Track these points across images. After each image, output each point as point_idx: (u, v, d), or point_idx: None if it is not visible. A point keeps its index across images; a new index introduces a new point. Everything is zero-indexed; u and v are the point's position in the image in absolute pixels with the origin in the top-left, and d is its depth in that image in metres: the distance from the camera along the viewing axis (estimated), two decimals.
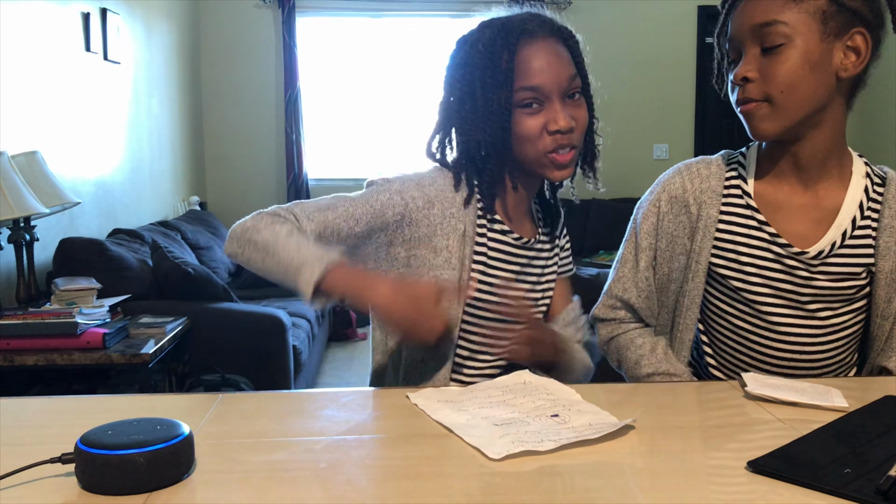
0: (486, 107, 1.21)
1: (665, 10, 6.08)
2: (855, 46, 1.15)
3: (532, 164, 1.25)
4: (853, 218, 1.22)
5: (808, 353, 1.26)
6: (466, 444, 0.90)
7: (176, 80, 5.22)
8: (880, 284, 1.22)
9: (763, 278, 1.24)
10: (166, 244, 3.58)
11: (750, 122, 1.19)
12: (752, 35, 1.16)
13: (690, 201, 1.29)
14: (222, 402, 1.06)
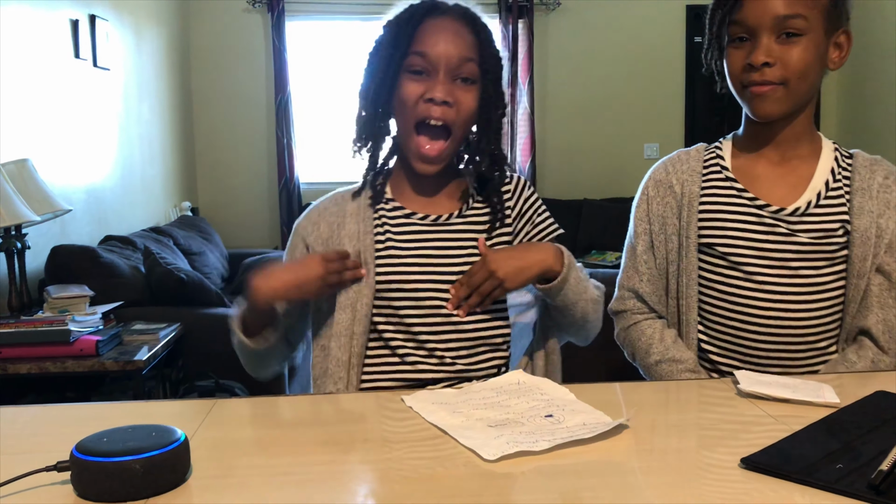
0: (381, 68, 1.28)
1: (654, 10, 6.09)
2: (840, 43, 1.31)
3: (403, 146, 1.31)
4: (826, 181, 1.33)
5: (793, 311, 1.30)
6: (461, 446, 0.90)
7: (166, 86, 5.21)
8: (856, 243, 1.30)
9: (747, 240, 1.32)
10: (158, 250, 3.57)
11: (761, 102, 1.28)
12: (773, 24, 1.25)
13: (674, 181, 1.40)
14: (217, 408, 1.06)
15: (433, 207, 1.36)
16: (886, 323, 1.30)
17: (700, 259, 1.36)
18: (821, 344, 1.33)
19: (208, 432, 0.97)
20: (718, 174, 1.38)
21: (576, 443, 0.90)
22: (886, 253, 1.30)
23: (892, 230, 1.30)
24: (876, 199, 1.31)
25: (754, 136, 1.37)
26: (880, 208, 1.30)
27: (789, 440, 0.90)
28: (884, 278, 1.31)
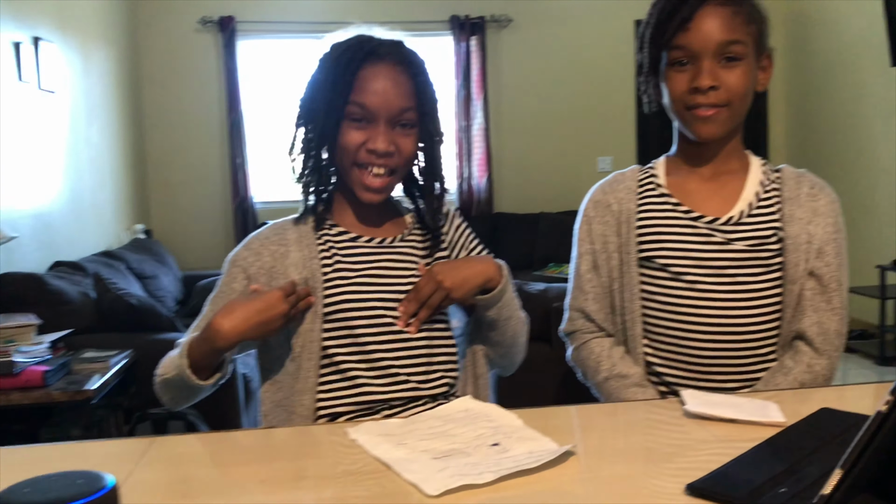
0: (322, 108, 1.29)
1: (603, 26, 6.17)
2: (765, 66, 1.38)
3: (347, 178, 1.32)
4: (756, 192, 1.39)
5: (733, 318, 1.33)
6: (404, 481, 0.88)
7: (116, 108, 5.13)
8: (788, 249, 1.34)
9: (685, 250, 1.36)
10: (109, 275, 3.50)
11: (705, 124, 1.34)
12: (716, 49, 1.30)
13: (611, 200, 1.44)
14: (155, 447, 1.03)
15: (376, 231, 1.37)
16: (820, 325, 1.34)
17: (641, 273, 1.39)
18: (761, 351, 1.36)
19: (143, 474, 0.93)
20: (653, 191, 1.43)
21: (521, 473, 0.89)
22: (817, 258, 1.34)
23: (821, 236, 1.35)
24: (804, 207, 1.36)
25: (689, 155, 1.42)
26: (809, 216, 1.36)
27: (734, 463, 0.89)
28: (816, 282, 1.35)
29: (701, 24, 1.30)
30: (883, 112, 5.04)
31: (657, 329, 1.38)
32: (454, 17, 5.89)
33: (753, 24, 1.32)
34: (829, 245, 1.35)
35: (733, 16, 1.30)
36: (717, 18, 1.30)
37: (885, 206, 5.00)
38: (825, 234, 1.35)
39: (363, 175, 1.30)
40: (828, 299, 1.35)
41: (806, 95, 5.92)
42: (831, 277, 1.35)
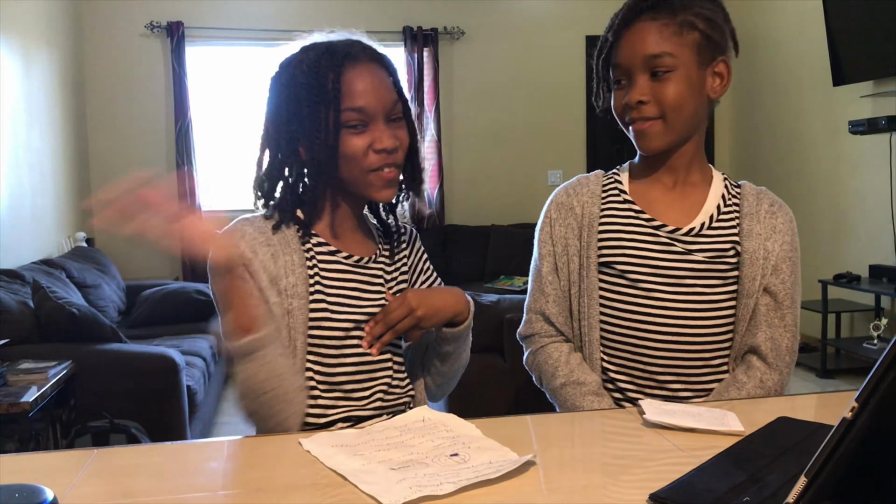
0: (314, 125, 1.24)
1: (554, 40, 6.23)
2: (720, 72, 1.35)
3: (357, 184, 1.27)
4: (717, 206, 1.39)
5: (688, 327, 1.34)
6: (362, 493, 0.85)
7: (58, 112, 4.99)
8: (745, 264, 1.35)
9: (644, 258, 1.36)
10: (49, 284, 3.39)
11: (642, 139, 1.35)
12: (643, 64, 1.31)
13: (574, 204, 1.43)
14: (97, 460, 0.98)
15: (353, 248, 1.34)
16: (773, 340, 1.35)
17: (600, 279, 1.39)
18: (714, 362, 1.37)
19: (85, 488, 0.89)
20: (617, 197, 1.43)
21: (481, 483, 0.86)
22: (772, 275, 1.36)
23: (777, 253, 1.36)
24: (763, 223, 1.37)
25: (648, 163, 1.42)
26: (767, 232, 1.37)
27: (696, 473, 0.88)
28: (770, 298, 1.36)
29: (629, 40, 1.33)
30: (824, 131, 5.18)
31: (613, 335, 1.39)
32: (407, 27, 5.89)
33: (692, 32, 1.30)
34: (785, 263, 1.37)
35: (662, 28, 1.30)
36: (644, 33, 1.31)
37: (824, 223, 5.13)
38: (782, 251, 1.36)
39: (379, 176, 1.26)
40: (781, 316, 1.36)
41: (751, 113, 6.05)
42: (785, 295, 1.36)
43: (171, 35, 5.59)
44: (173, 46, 5.59)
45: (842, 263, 4.95)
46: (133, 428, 2.90)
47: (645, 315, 1.35)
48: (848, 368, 4.71)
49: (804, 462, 0.74)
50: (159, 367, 3.15)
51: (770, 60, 5.63)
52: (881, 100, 4.57)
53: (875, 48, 4.42)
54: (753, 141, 6.09)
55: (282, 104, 1.29)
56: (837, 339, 4.90)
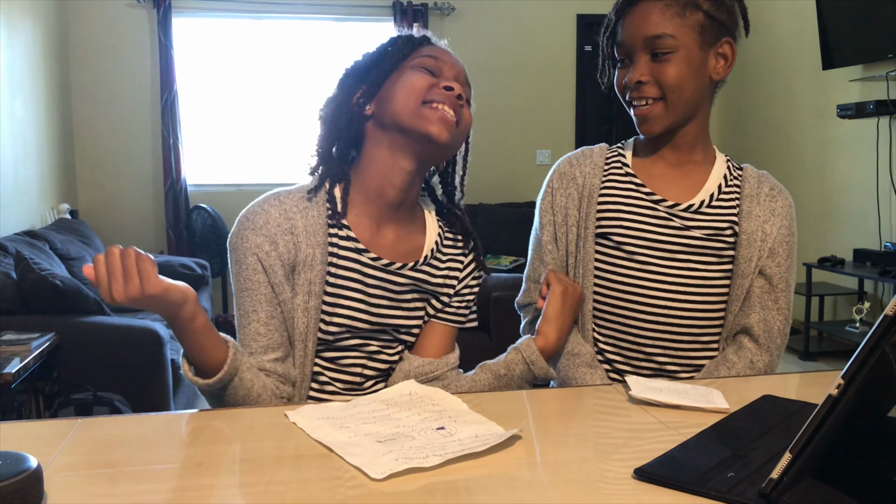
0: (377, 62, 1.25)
1: (545, 19, 6.20)
2: (724, 53, 1.35)
3: (410, 117, 1.19)
4: (719, 185, 1.40)
5: (680, 301, 1.36)
6: (348, 465, 0.85)
7: (42, 82, 4.93)
8: (742, 244, 1.36)
9: (641, 231, 1.37)
10: (32, 255, 3.36)
11: (643, 122, 1.36)
12: (644, 44, 1.31)
13: (576, 174, 1.43)
14: (81, 429, 0.97)
15: (385, 250, 1.26)
16: (766, 322, 1.36)
17: (597, 250, 1.40)
18: (703, 339, 1.38)
19: (69, 456, 0.88)
20: (619, 170, 1.43)
21: (468, 456, 0.87)
22: (769, 257, 1.36)
23: (775, 236, 1.37)
24: (763, 206, 1.38)
25: (653, 139, 1.42)
26: (766, 215, 1.37)
27: (681, 448, 0.89)
28: (765, 281, 1.37)
29: (631, 20, 1.33)
30: (812, 114, 5.19)
31: (605, 306, 1.40)
32: (397, 2, 5.84)
33: (695, 13, 1.30)
34: (782, 247, 1.37)
35: (664, 9, 1.30)
36: (646, 13, 1.31)
37: (810, 206, 5.15)
38: (779, 235, 1.37)
39: (434, 111, 1.19)
40: (775, 298, 1.37)
41: (740, 95, 6.05)
42: (780, 278, 1.37)
43: (157, 6, 5.52)
44: (160, 17, 5.52)
45: (826, 247, 4.99)
46: (116, 400, 2.89)
47: (638, 287, 1.36)
48: (830, 351, 4.76)
49: (788, 439, 0.75)
50: (143, 340, 3.13)
51: (760, 43, 5.63)
52: (869, 84, 4.58)
53: (864, 32, 4.42)
54: (742, 123, 6.10)
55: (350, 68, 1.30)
56: (820, 322, 4.95)
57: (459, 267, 1.36)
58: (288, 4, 5.77)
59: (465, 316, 1.38)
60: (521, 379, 1.28)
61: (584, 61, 6.30)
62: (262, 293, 1.20)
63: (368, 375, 1.28)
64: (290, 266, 1.20)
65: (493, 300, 3.88)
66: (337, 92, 1.28)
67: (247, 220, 1.21)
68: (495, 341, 3.48)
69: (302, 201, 1.23)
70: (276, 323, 1.21)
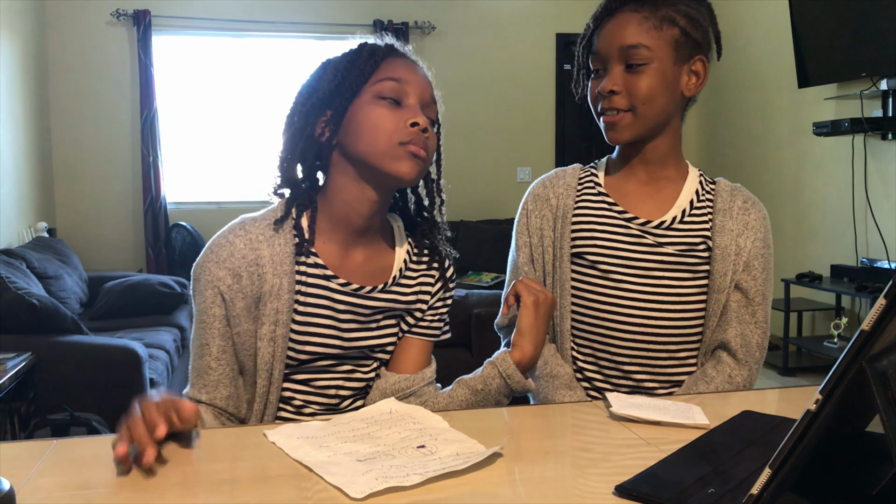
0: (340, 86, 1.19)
1: (525, 38, 6.25)
2: (696, 70, 1.36)
3: (378, 156, 1.16)
4: (691, 200, 1.40)
5: (656, 319, 1.36)
6: (327, 484, 0.84)
7: (20, 99, 4.90)
8: (717, 259, 1.36)
9: (615, 249, 1.38)
10: (8, 273, 3.33)
11: (610, 130, 1.36)
12: (619, 54, 1.32)
13: (550, 195, 1.45)
14: (56, 450, 0.96)
15: (355, 275, 1.24)
16: (743, 337, 1.36)
17: (573, 269, 1.41)
18: (681, 354, 1.38)
19: (43, 479, 0.87)
20: (591, 189, 1.44)
21: (449, 475, 0.86)
22: (744, 271, 1.36)
23: (749, 250, 1.37)
24: (736, 220, 1.38)
25: (624, 156, 1.43)
26: (739, 228, 1.38)
27: (661, 465, 0.89)
28: (741, 295, 1.37)
29: (608, 30, 1.33)
30: (788, 132, 5.25)
31: (583, 325, 1.40)
32: (377, 21, 5.87)
33: (672, 28, 1.31)
34: (757, 260, 1.37)
35: (642, 21, 1.30)
36: (623, 23, 1.31)
37: (788, 222, 5.20)
38: (754, 248, 1.37)
39: (404, 150, 1.15)
40: (752, 312, 1.37)
41: (717, 113, 6.11)
42: (756, 291, 1.37)
43: (137, 23, 5.51)
44: (139, 35, 5.51)
45: (804, 263, 5.03)
46: (94, 421, 2.85)
47: (614, 306, 1.37)
48: (809, 367, 4.78)
49: (768, 455, 0.75)
50: (122, 360, 3.10)
51: (737, 61, 5.70)
52: (844, 102, 4.64)
53: (840, 51, 4.49)
54: (719, 140, 6.16)
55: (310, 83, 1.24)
56: (799, 338, 4.98)
57: (431, 281, 1.34)
58: (268, 22, 5.78)
59: (440, 329, 1.36)
60: (498, 393, 1.26)
61: (563, 79, 6.34)
62: (217, 327, 1.18)
63: (344, 395, 1.27)
64: (254, 298, 1.18)
65: (475, 317, 3.88)
66: (298, 111, 1.24)
67: (211, 252, 1.19)
68: (476, 358, 3.48)
69: (268, 229, 1.20)
70: (228, 357, 1.20)
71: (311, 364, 1.23)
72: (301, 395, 1.24)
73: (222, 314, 1.18)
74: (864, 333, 0.70)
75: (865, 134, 4.42)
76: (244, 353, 1.20)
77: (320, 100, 1.22)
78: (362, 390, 1.29)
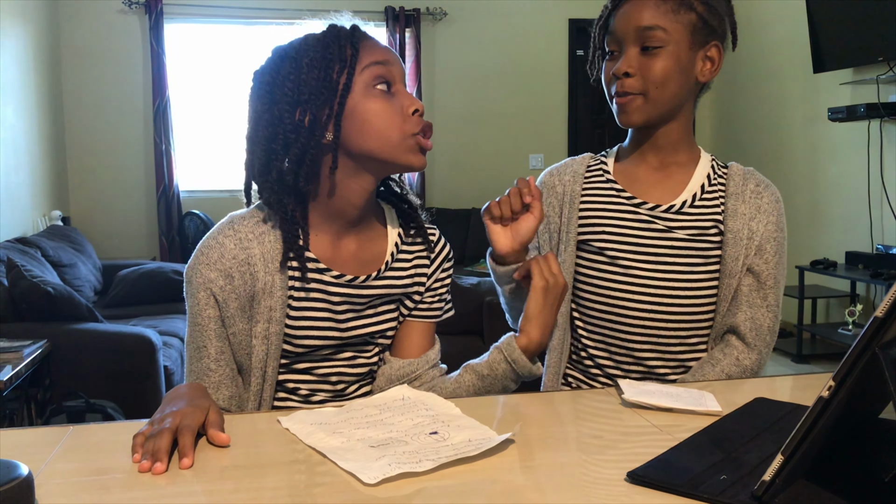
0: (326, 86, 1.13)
1: (537, 24, 6.22)
2: (711, 57, 1.35)
3: (395, 151, 1.15)
4: (702, 185, 1.39)
5: (666, 305, 1.35)
6: (341, 470, 0.85)
7: (34, 88, 4.92)
8: (728, 243, 1.35)
9: (623, 235, 1.37)
10: (23, 262, 3.35)
11: (622, 112, 1.35)
12: (635, 35, 1.31)
13: (556, 182, 1.45)
14: (73, 436, 0.97)
15: (348, 266, 1.23)
16: (754, 321, 1.35)
17: (579, 256, 1.41)
18: (691, 340, 1.38)
19: (61, 464, 0.88)
20: (600, 177, 1.44)
21: (461, 461, 0.86)
22: (756, 255, 1.35)
23: (762, 233, 1.36)
24: (748, 203, 1.37)
25: (635, 142, 1.43)
26: (752, 212, 1.37)
27: (673, 451, 0.89)
28: (753, 279, 1.36)
29: (626, 10, 1.32)
30: (804, 117, 5.21)
31: (591, 312, 1.40)
32: (389, 7, 5.85)
33: (688, 13, 1.30)
34: (770, 243, 1.36)
35: (660, 3, 1.30)
36: (641, 5, 1.30)
37: (803, 208, 5.17)
38: (766, 231, 1.36)
39: (415, 142, 1.16)
40: (763, 296, 1.36)
41: (732, 99, 6.07)
42: (769, 275, 1.36)
43: (149, 11, 5.52)
44: (151, 23, 5.52)
45: (819, 250, 5.00)
46: (109, 408, 2.88)
47: (623, 292, 1.36)
48: (823, 354, 4.77)
49: (780, 441, 0.75)
50: (136, 347, 3.13)
51: (752, 47, 5.65)
52: (860, 87, 4.60)
53: (855, 36, 4.45)
54: (734, 126, 6.12)
55: (284, 78, 1.16)
56: (813, 325, 4.96)
57: (426, 263, 1.32)
58: (279, 10, 5.77)
59: (441, 309, 1.35)
60: (505, 378, 1.25)
61: (576, 65, 6.31)
62: (212, 329, 1.18)
63: (349, 381, 1.27)
64: (247, 297, 1.17)
65: (487, 305, 3.88)
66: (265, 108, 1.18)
67: (201, 255, 1.18)
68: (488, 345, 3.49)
69: (258, 226, 1.19)
70: (227, 358, 1.19)
71: (311, 354, 1.23)
72: (305, 384, 1.24)
73: (217, 315, 1.17)
74: (878, 320, 0.69)
75: (882, 119, 4.38)
76: (241, 353, 1.19)
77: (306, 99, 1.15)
78: (367, 375, 1.29)
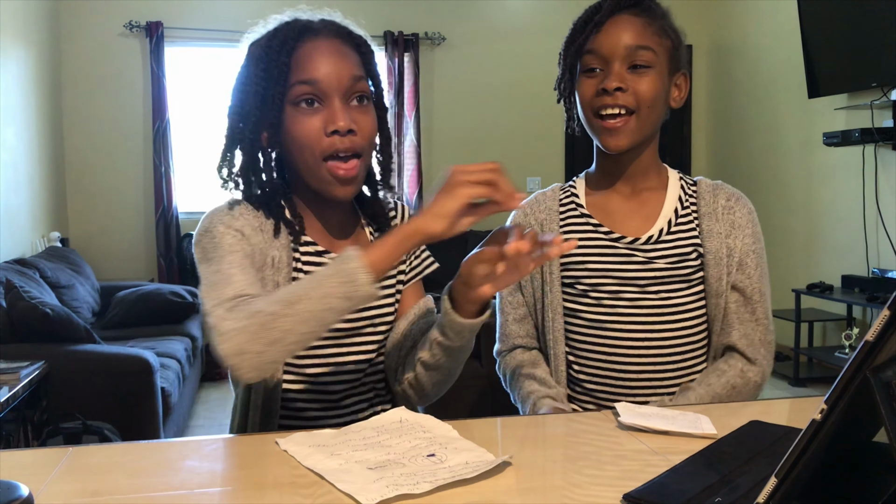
0: (261, 102, 1.14)
1: (535, 47, 6.26)
2: (679, 84, 1.39)
3: (312, 176, 1.16)
4: (675, 209, 1.40)
5: (657, 332, 1.36)
6: (339, 491, 0.85)
7: (34, 110, 4.94)
8: (710, 264, 1.36)
9: (606, 271, 1.37)
10: (22, 283, 3.35)
11: (611, 135, 1.33)
12: (625, 53, 1.31)
13: (533, 222, 1.45)
14: (72, 457, 0.97)
15: (338, 244, 1.26)
16: (748, 337, 1.37)
17: (564, 293, 1.41)
18: (688, 362, 1.39)
19: (60, 485, 0.88)
20: (574, 211, 1.44)
21: (458, 483, 0.87)
22: (738, 271, 1.36)
23: (740, 248, 1.37)
24: (721, 221, 1.38)
25: (605, 171, 1.43)
26: (727, 229, 1.37)
27: (669, 474, 0.90)
28: (739, 294, 1.37)
29: (612, 28, 1.33)
30: (798, 142, 5.25)
31: (582, 346, 1.41)
32: (387, 32, 5.90)
33: (667, 39, 1.34)
34: (749, 257, 1.37)
35: (645, 26, 1.32)
36: (629, 24, 1.32)
37: (799, 232, 5.19)
38: (744, 245, 1.37)
39: (336, 167, 1.14)
40: (752, 310, 1.37)
41: (727, 123, 6.11)
42: (753, 289, 1.37)
43: (149, 35, 5.56)
44: (152, 47, 5.55)
45: (815, 273, 5.01)
46: (106, 429, 2.87)
47: (612, 325, 1.37)
48: (820, 377, 4.76)
49: (775, 464, 0.76)
50: (133, 369, 3.12)
51: (746, 71, 5.70)
52: (855, 112, 4.64)
53: (850, 61, 4.49)
54: (729, 151, 6.15)
55: (235, 87, 1.21)
56: (810, 348, 4.96)
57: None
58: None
59: (424, 264, 1.36)
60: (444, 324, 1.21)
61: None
62: (241, 249, 1.11)
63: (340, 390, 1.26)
64: (261, 262, 1.15)
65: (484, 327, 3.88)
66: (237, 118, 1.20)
67: (215, 217, 1.15)
68: (487, 368, 3.48)
69: (255, 210, 1.20)
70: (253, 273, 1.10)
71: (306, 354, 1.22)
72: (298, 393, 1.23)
73: (249, 251, 1.12)
74: (869, 344, 0.71)
75: (876, 144, 4.41)
76: None
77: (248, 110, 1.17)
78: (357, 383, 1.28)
